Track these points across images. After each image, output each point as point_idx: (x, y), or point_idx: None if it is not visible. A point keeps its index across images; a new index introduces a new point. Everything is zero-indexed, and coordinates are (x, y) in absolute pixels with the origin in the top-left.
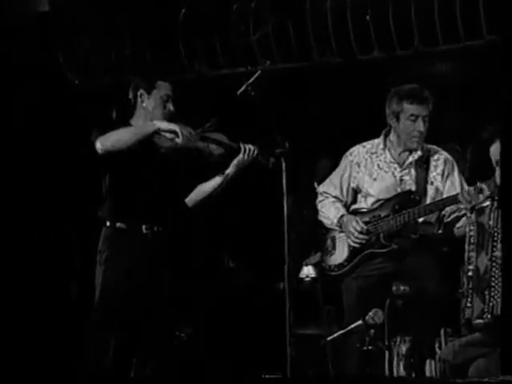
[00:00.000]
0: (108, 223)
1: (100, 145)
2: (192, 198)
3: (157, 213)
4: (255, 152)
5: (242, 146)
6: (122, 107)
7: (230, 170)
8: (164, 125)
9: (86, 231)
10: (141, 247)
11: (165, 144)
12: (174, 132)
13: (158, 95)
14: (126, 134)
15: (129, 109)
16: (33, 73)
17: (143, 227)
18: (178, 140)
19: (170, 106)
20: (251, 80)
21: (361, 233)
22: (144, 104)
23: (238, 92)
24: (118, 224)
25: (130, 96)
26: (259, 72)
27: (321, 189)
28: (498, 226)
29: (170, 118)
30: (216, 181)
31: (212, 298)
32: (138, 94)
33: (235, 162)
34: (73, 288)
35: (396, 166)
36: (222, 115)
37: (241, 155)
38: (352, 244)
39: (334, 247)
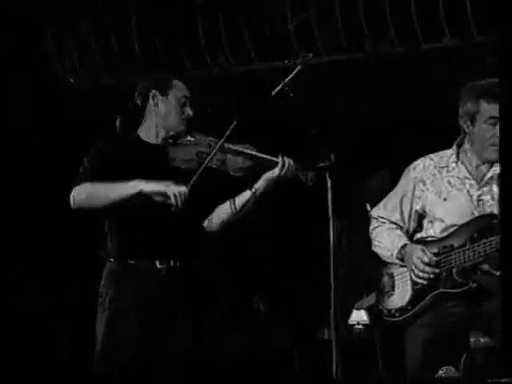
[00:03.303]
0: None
1: (73, 200)
2: (214, 221)
3: (173, 244)
4: (293, 166)
5: (280, 158)
6: (128, 114)
7: (259, 185)
8: (148, 187)
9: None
10: (154, 286)
11: (179, 156)
12: (164, 195)
13: (175, 97)
14: (104, 192)
15: (136, 116)
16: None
17: (157, 262)
18: (171, 202)
19: (189, 111)
20: (289, 77)
21: (428, 264)
22: (158, 108)
23: (273, 92)
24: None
25: (138, 100)
26: (299, 67)
27: (376, 212)
28: None
29: (187, 123)
30: (244, 197)
31: (239, 349)
32: (150, 95)
33: (267, 176)
34: (65, 340)
35: (472, 182)
36: (252, 120)
37: (277, 170)
38: (416, 279)
39: (392, 287)
